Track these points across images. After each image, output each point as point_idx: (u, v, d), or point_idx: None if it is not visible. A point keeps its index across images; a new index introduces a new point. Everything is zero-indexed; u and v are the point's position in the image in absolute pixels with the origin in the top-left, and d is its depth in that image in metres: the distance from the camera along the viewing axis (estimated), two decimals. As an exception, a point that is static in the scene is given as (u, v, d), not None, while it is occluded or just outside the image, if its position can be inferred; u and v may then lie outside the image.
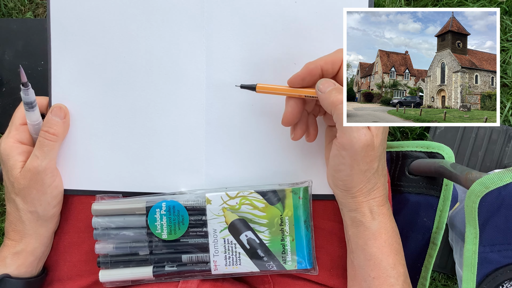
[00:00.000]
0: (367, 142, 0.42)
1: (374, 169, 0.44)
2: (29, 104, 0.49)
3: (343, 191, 0.46)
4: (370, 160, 0.43)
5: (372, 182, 0.45)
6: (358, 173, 0.44)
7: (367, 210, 0.45)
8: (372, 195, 0.45)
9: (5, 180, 0.50)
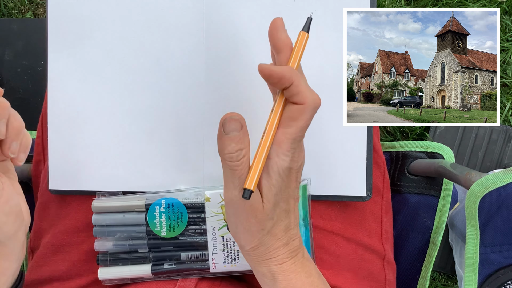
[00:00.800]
0: (249, 204, 0.37)
1: (266, 230, 0.39)
2: None
3: (239, 247, 0.42)
4: (257, 221, 0.38)
5: (267, 243, 0.40)
6: (245, 232, 0.39)
7: (266, 271, 0.41)
8: (268, 255, 0.40)
9: None
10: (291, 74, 0.36)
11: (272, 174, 0.37)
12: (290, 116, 0.36)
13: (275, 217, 0.39)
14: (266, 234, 0.39)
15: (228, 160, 0.37)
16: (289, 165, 0.37)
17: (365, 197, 0.52)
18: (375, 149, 0.58)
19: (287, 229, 0.40)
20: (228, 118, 0.37)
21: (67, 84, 0.53)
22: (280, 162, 0.37)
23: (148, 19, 0.51)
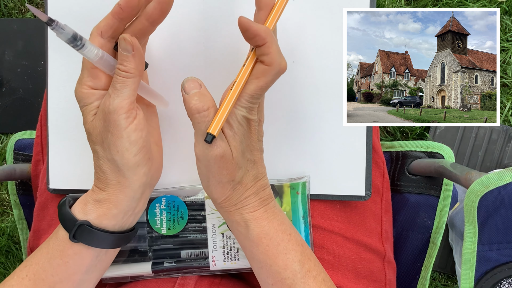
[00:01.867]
0: (220, 154, 0.39)
1: (236, 181, 0.41)
2: (71, 41, 0.39)
3: (212, 200, 0.44)
4: (228, 172, 0.41)
5: (238, 193, 0.42)
6: (216, 184, 0.41)
7: (239, 219, 0.43)
8: (240, 204, 0.43)
9: (86, 129, 0.44)
10: (266, 34, 0.38)
11: (232, 122, 0.40)
12: (254, 73, 0.40)
13: (243, 166, 0.41)
14: (236, 184, 0.42)
15: (193, 115, 0.40)
16: (246, 115, 0.40)
17: (364, 197, 0.52)
18: (375, 149, 0.58)
19: (256, 179, 0.43)
20: (186, 80, 0.41)
21: (67, 84, 0.53)
22: (238, 112, 0.40)
23: (148, 19, 0.51)
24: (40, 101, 1.17)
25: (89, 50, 0.40)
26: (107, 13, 0.42)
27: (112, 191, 0.43)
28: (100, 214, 0.43)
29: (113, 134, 0.41)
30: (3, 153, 1.19)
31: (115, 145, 0.41)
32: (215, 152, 0.39)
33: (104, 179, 0.43)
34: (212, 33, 0.51)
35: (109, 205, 0.43)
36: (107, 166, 0.43)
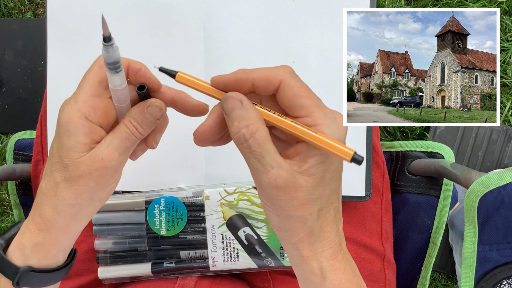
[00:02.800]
0: (280, 184, 0.32)
1: (313, 216, 0.33)
2: (112, 64, 0.36)
3: (281, 239, 0.36)
4: (300, 205, 0.33)
5: (316, 232, 0.34)
6: (290, 219, 0.33)
7: (315, 267, 0.35)
8: (320, 247, 0.35)
9: (53, 154, 0.38)
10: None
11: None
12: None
13: (324, 196, 0.33)
14: (316, 219, 0.34)
15: (239, 143, 0.32)
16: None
17: (364, 197, 0.52)
18: (375, 149, 0.58)
19: (336, 212, 0.35)
20: (224, 98, 0.34)
21: (66, 84, 0.53)
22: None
23: (148, 19, 0.51)
24: (40, 101, 1.17)
25: (120, 76, 0.36)
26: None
27: (55, 235, 0.39)
28: (40, 258, 0.39)
29: (98, 185, 0.37)
30: (3, 153, 1.19)
31: (91, 194, 0.38)
32: (272, 181, 0.32)
33: (50, 219, 0.38)
34: (212, 33, 0.51)
35: (50, 247, 0.39)
36: (64, 209, 0.38)
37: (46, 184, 0.38)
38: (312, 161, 0.32)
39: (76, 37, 0.52)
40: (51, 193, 0.38)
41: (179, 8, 0.50)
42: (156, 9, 0.51)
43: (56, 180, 0.37)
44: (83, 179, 0.37)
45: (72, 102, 0.37)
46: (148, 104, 0.37)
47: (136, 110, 0.37)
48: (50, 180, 0.38)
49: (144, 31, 0.51)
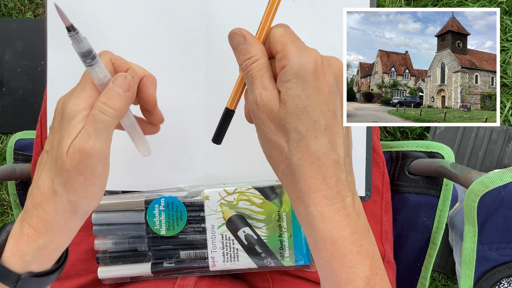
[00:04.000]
0: (259, 101, 0.35)
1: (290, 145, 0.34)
2: (84, 55, 0.37)
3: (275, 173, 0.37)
4: (276, 129, 0.35)
5: (294, 165, 0.35)
6: (268, 144, 0.36)
7: (302, 211, 0.35)
8: (305, 188, 0.35)
9: (53, 147, 0.37)
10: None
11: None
12: None
13: (301, 127, 0.33)
14: (293, 149, 0.34)
15: (243, 71, 0.37)
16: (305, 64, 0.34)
17: (364, 197, 0.52)
18: (375, 149, 0.58)
19: (326, 154, 0.34)
20: (230, 34, 0.37)
21: (66, 84, 0.53)
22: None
23: (148, 19, 0.51)
24: (40, 101, 1.17)
25: (97, 69, 0.37)
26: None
27: (55, 236, 0.38)
28: (41, 262, 0.39)
29: (86, 179, 0.37)
30: (3, 153, 1.19)
31: (85, 190, 0.37)
32: (258, 102, 0.34)
33: (48, 220, 0.37)
34: (212, 33, 0.51)
35: (50, 251, 0.39)
36: (63, 207, 0.37)
37: (44, 181, 0.37)
38: (283, 88, 0.34)
39: (76, 37, 0.52)
40: (49, 192, 0.37)
41: (179, 8, 0.50)
42: (156, 9, 0.51)
43: (50, 177, 0.37)
44: (71, 173, 0.36)
45: (79, 91, 0.37)
46: (114, 78, 0.37)
47: (104, 92, 0.37)
48: (48, 177, 0.37)
49: (144, 31, 0.51)
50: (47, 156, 0.37)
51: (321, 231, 0.34)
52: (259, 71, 0.35)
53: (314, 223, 0.34)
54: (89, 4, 0.51)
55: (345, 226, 0.34)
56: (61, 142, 0.36)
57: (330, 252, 0.35)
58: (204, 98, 0.51)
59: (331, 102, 0.34)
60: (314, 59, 0.34)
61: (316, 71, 0.34)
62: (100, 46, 0.52)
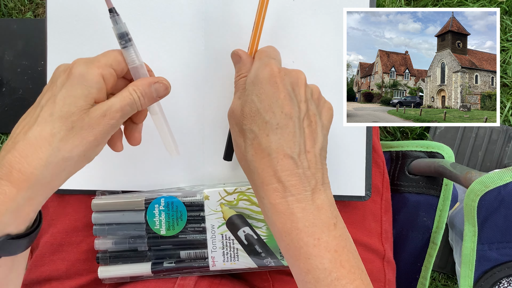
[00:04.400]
0: (229, 111, 0.41)
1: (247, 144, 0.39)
2: (120, 36, 0.41)
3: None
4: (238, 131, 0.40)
5: (249, 160, 0.39)
6: (235, 144, 0.41)
7: (260, 204, 0.39)
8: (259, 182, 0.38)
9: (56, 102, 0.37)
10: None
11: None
12: None
13: (255, 127, 0.38)
14: (248, 147, 0.38)
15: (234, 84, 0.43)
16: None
17: (364, 197, 0.52)
18: (375, 149, 0.58)
19: (276, 149, 0.37)
20: (231, 54, 0.45)
21: (67, 84, 0.53)
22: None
23: (148, 19, 0.51)
24: (40, 101, 1.17)
25: (130, 53, 0.41)
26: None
27: (37, 192, 0.36)
28: (19, 223, 0.36)
29: (95, 140, 0.38)
30: (3, 153, 1.19)
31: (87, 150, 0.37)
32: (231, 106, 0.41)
33: (33, 175, 0.35)
34: (212, 33, 0.51)
35: (29, 209, 0.37)
36: (53, 161, 0.36)
37: (39, 133, 0.36)
38: (243, 95, 0.40)
39: (76, 37, 0.52)
40: (44, 143, 0.36)
41: (178, 8, 0.50)
42: (156, 9, 0.51)
43: (54, 130, 0.36)
44: (84, 131, 0.37)
45: (95, 61, 0.39)
46: (156, 80, 0.41)
47: (143, 82, 0.40)
48: (45, 129, 0.36)
49: (144, 30, 0.51)
50: (45, 110, 0.36)
51: (275, 223, 0.37)
52: (242, 83, 0.41)
53: (269, 214, 0.37)
54: (89, 4, 0.51)
55: (299, 219, 0.36)
56: (77, 98, 0.37)
57: (287, 243, 0.37)
58: (203, 98, 0.52)
59: (286, 106, 0.38)
60: (269, 69, 0.39)
61: (270, 79, 0.38)
62: (101, 46, 0.52)
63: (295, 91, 0.39)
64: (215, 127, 0.52)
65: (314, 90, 0.41)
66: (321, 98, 0.42)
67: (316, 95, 0.41)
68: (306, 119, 0.38)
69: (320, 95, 0.42)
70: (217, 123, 0.52)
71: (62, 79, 0.38)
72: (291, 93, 0.38)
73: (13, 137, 0.37)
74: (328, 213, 0.37)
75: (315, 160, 0.38)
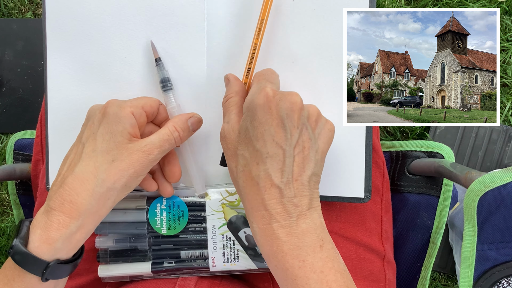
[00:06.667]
0: (221, 133, 0.43)
1: (238, 169, 0.40)
2: (163, 81, 0.49)
3: None
4: (230, 155, 0.41)
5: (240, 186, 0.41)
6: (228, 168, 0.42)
7: (251, 227, 0.41)
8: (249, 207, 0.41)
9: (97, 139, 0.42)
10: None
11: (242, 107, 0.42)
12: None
13: (247, 154, 0.39)
14: (240, 172, 0.40)
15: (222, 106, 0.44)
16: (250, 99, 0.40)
17: (364, 199, 0.52)
18: (375, 149, 0.58)
19: (265, 179, 0.38)
20: (224, 77, 0.47)
21: (66, 84, 0.53)
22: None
23: (148, 19, 0.51)
24: (40, 101, 1.17)
25: (170, 96, 0.48)
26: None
27: (87, 221, 0.41)
28: (69, 249, 0.41)
29: (135, 173, 0.42)
30: (3, 153, 1.19)
31: (128, 181, 0.42)
32: (222, 128, 0.42)
33: (82, 205, 0.40)
34: (213, 34, 0.51)
35: (80, 236, 0.41)
36: (98, 192, 0.41)
37: (84, 168, 0.41)
38: (241, 120, 0.40)
39: (76, 36, 0.52)
40: (90, 176, 0.41)
41: (180, 9, 0.50)
42: (157, 9, 0.51)
43: (97, 164, 0.41)
44: (125, 164, 0.41)
45: (127, 102, 0.44)
46: (191, 115, 0.47)
47: (180, 117, 0.46)
48: (89, 164, 0.41)
49: (144, 31, 0.51)
50: (87, 147, 0.42)
51: (263, 246, 0.39)
52: (228, 107, 0.43)
53: (257, 237, 0.39)
54: (89, 4, 0.51)
55: (284, 243, 0.38)
56: (114, 135, 0.41)
57: (274, 265, 0.39)
58: (204, 98, 0.52)
59: (277, 134, 0.38)
60: (264, 95, 0.39)
61: (264, 105, 0.39)
62: (101, 46, 0.52)
63: (289, 117, 0.39)
64: (217, 126, 0.52)
65: (311, 112, 0.41)
66: (320, 119, 0.42)
67: (314, 118, 0.41)
68: (298, 146, 0.39)
69: (319, 116, 0.42)
70: (219, 123, 0.52)
71: (98, 117, 0.43)
72: (285, 120, 0.39)
73: (61, 174, 0.42)
74: (314, 236, 0.39)
75: (302, 188, 0.39)
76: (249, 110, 0.40)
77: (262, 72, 0.45)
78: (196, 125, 0.47)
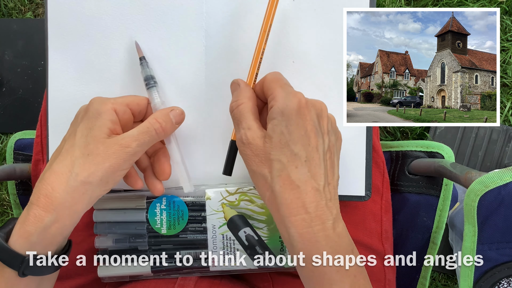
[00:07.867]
0: (245, 140, 0.41)
1: (273, 175, 0.39)
2: (146, 79, 0.49)
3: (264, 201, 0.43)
4: (260, 162, 0.40)
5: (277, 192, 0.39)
6: (254, 175, 0.41)
7: (284, 232, 0.40)
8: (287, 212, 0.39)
9: (76, 135, 0.42)
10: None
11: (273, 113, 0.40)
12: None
13: (283, 158, 0.39)
14: (276, 178, 0.39)
15: (230, 112, 0.43)
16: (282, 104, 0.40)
17: (364, 197, 0.52)
18: (375, 149, 0.58)
19: (305, 182, 0.39)
20: (231, 82, 0.45)
21: (66, 84, 0.53)
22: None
23: (148, 19, 0.51)
24: (40, 101, 1.17)
25: (154, 93, 0.48)
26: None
27: (62, 214, 0.40)
28: (45, 245, 0.41)
29: (111, 167, 0.41)
30: (3, 153, 1.19)
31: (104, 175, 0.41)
32: (244, 142, 0.40)
33: (56, 198, 0.40)
34: (212, 33, 0.51)
35: (55, 231, 0.41)
36: (72, 186, 0.40)
37: (61, 162, 0.41)
38: (270, 125, 0.39)
39: (76, 36, 0.52)
40: (65, 170, 0.41)
41: (179, 7, 0.50)
42: (156, 8, 0.51)
43: (73, 158, 0.41)
44: (100, 158, 0.41)
45: (111, 99, 0.44)
46: (172, 108, 0.46)
47: (161, 112, 0.45)
48: (66, 158, 0.41)
49: (144, 31, 0.51)
50: (67, 143, 0.42)
51: (300, 251, 0.39)
52: (243, 113, 0.42)
53: (295, 243, 0.39)
54: (89, 4, 0.51)
55: (324, 247, 0.38)
56: (92, 129, 0.42)
57: (311, 270, 0.39)
58: (204, 98, 0.52)
59: (313, 138, 0.39)
60: (298, 100, 0.39)
61: (299, 110, 0.39)
62: (101, 46, 0.52)
63: (320, 123, 0.40)
64: (217, 126, 0.52)
65: (333, 120, 0.43)
66: (336, 127, 0.44)
67: (335, 125, 0.43)
68: (328, 151, 0.41)
69: (335, 123, 0.43)
70: (219, 123, 0.52)
71: (81, 115, 0.43)
72: (317, 125, 0.40)
73: (43, 170, 0.42)
74: (347, 240, 0.40)
75: (334, 191, 0.40)
76: (284, 115, 0.39)
77: (278, 77, 0.43)
78: (178, 118, 0.46)
